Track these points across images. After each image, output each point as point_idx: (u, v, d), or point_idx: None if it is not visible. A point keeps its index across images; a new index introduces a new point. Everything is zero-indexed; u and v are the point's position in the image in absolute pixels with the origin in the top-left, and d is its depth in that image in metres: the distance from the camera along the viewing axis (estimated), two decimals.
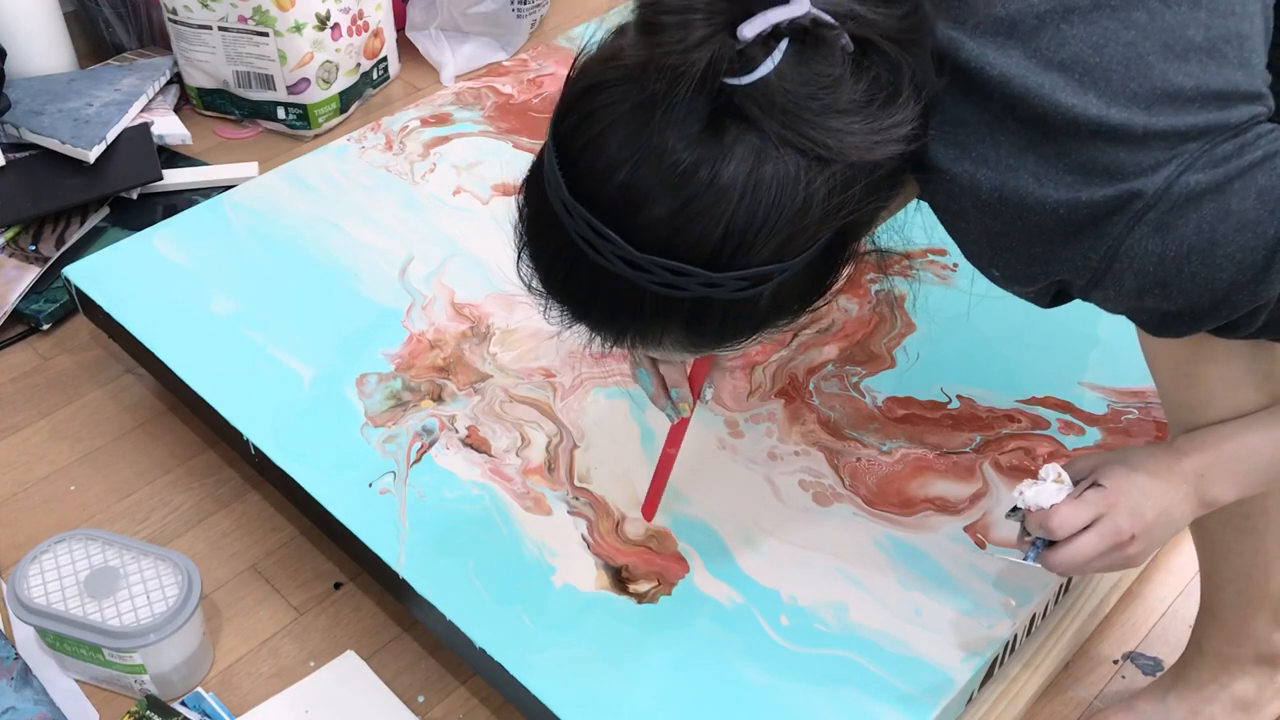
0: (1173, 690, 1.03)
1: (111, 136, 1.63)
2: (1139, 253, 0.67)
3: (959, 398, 1.16)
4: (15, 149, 1.63)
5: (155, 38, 1.95)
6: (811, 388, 1.18)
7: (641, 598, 1.01)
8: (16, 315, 1.48)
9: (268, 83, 1.78)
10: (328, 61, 1.78)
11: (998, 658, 0.99)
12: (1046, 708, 1.08)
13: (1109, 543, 0.80)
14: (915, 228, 0.82)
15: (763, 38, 0.63)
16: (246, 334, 1.26)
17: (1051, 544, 0.82)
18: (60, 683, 1.10)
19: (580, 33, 1.74)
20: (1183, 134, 0.66)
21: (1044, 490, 0.81)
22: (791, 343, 1.22)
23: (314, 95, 1.80)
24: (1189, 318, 0.70)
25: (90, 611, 1.04)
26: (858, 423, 1.14)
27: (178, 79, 1.87)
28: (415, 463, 1.12)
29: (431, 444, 1.13)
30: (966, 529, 1.04)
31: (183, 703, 1.08)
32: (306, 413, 1.17)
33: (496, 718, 1.08)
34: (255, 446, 1.15)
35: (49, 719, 1.05)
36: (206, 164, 1.72)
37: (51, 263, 1.51)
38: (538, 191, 0.73)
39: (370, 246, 1.36)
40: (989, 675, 1.00)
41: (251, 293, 1.31)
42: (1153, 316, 0.72)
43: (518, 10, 1.98)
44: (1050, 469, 0.81)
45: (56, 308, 1.48)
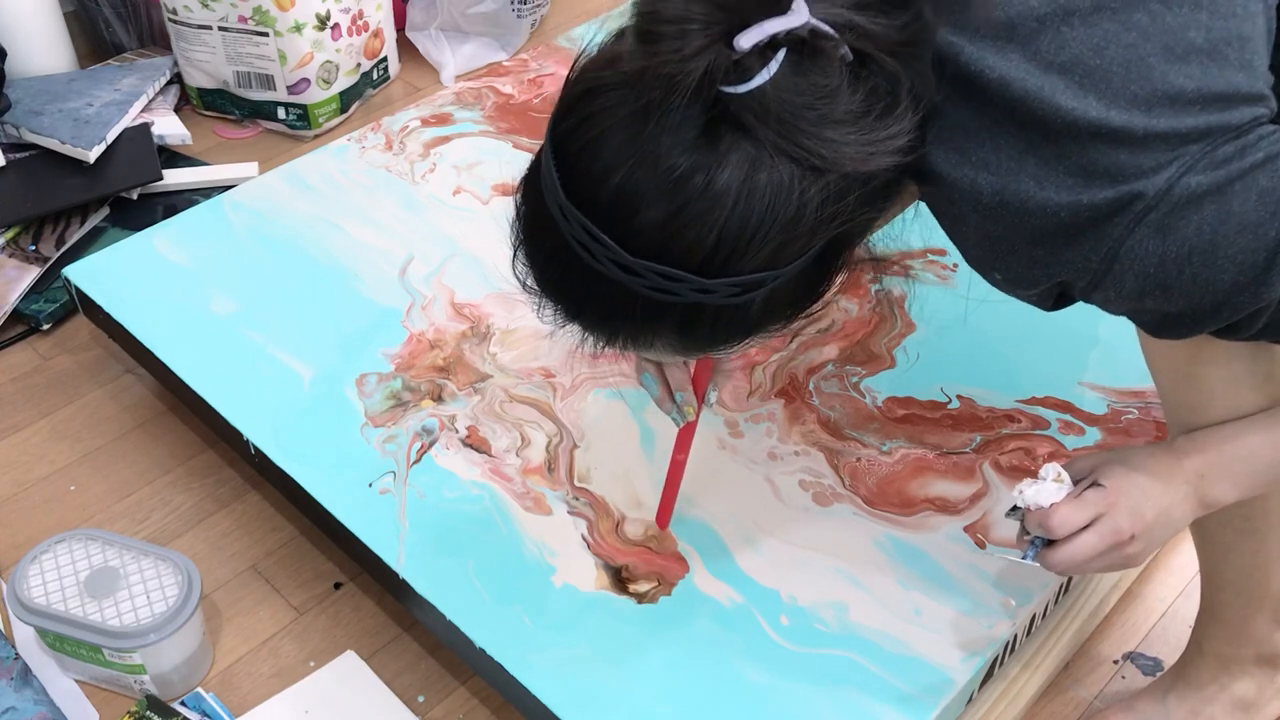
0: (1173, 690, 1.03)
1: (111, 136, 1.63)
2: (1140, 254, 0.67)
3: (959, 398, 1.16)
4: (15, 149, 1.63)
5: (155, 38, 1.95)
6: (811, 388, 1.18)
7: (641, 598, 1.01)
8: (16, 315, 1.48)
9: (268, 83, 1.78)
10: (328, 61, 1.78)
11: (998, 658, 0.99)
12: (1046, 708, 1.08)
13: (1108, 542, 0.80)
14: (913, 234, 0.82)
15: (760, 48, 0.63)
16: (246, 334, 1.26)
17: (1051, 543, 0.82)
18: (60, 683, 1.10)
19: (580, 33, 1.74)
20: (1184, 136, 0.66)
21: (1044, 489, 0.81)
22: (791, 343, 1.22)
23: (314, 95, 1.80)
24: (1190, 319, 0.70)
25: (90, 611, 1.04)
26: (858, 423, 1.14)
27: (178, 79, 1.87)
28: (415, 463, 1.12)
29: (431, 444, 1.13)
30: (966, 529, 1.04)
31: (183, 703, 1.08)
32: (306, 413, 1.17)
33: (496, 718, 1.08)
34: (255, 446, 1.15)
35: (49, 719, 1.05)
36: (206, 164, 1.72)
37: (51, 263, 1.51)
38: (534, 192, 0.73)
39: (370, 246, 1.36)
40: (989, 675, 1.00)
41: (251, 293, 1.31)
42: (1153, 318, 0.72)
43: (518, 10, 1.98)
44: (1050, 468, 0.82)
45: (56, 308, 1.48)
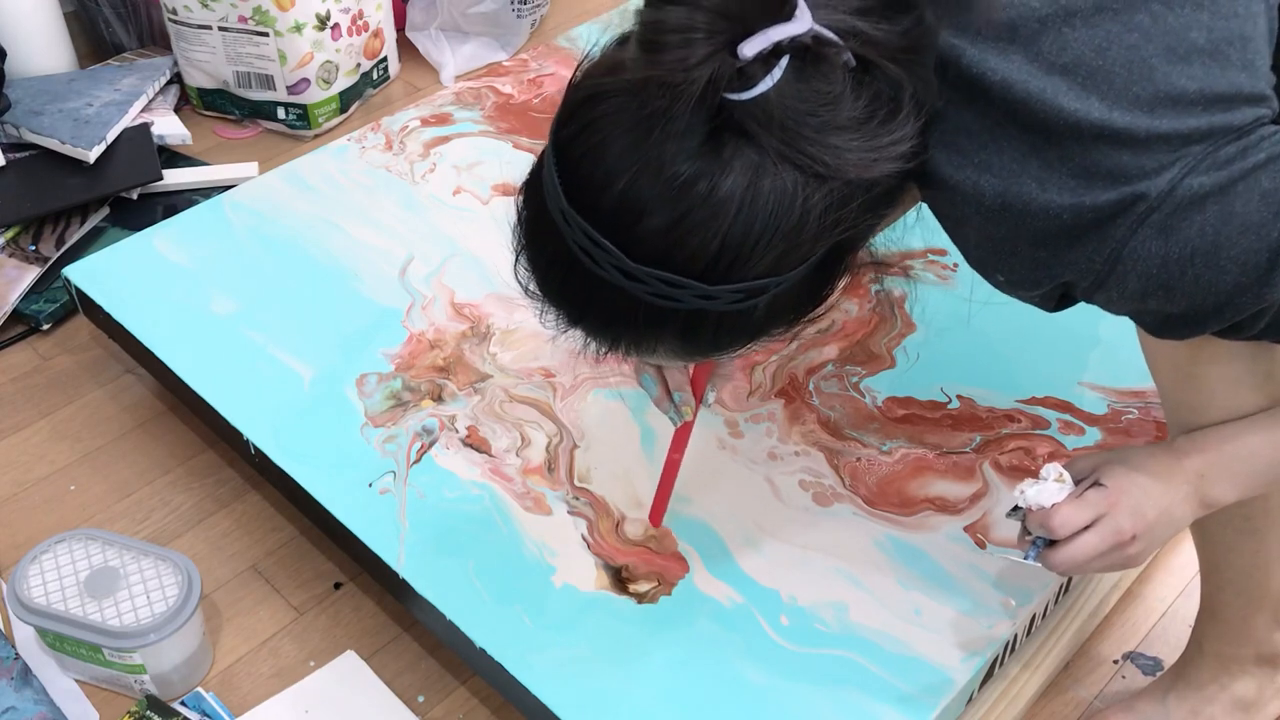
0: (1173, 690, 1.03)
1: (111, 136, 1.63)
2: (1142, 255, 0.67)
3: (959, 398, 1.16)
4: (15, 149, 1.63)
5: (155, 38, 1.95)
6: (811, 388, 1.18)
7: (641, 598, 1.01)
8: (16, 315, 1.48)
9: (268, 83, 1.78)
10: (328, 61, 1.78)
11: (998, 658, 0.99)
12: (1046, 708, 1.08)
13: (1110, 542, 0.80)
14: (914, 235, 0.82)
15: (763, 55, 0.63)
16: (246, 334, 1.26)
17: (1052, 543, 0.82)
18: (60, 683, 1.10)
19: (580, 33, 1.74)
20: (1186, 136, 0.66)
21: (1045, 489, 0.81)
22: (791, 343, 1.22)
23: (314, 95, 1.80)
24: (1191, 320, 0.70)
25: (90, 611, 1.04)
26: (858, 423, 1.14)
27: (178, 79, 1.87)
28: (415, 463, 1.12)
29: (431, 444, 1.13)
30: (966, 529, 1.04)
31: (183, 703, 1.08)
32: (306, 413, 1.17)
33: (496, 718, 1.08)
34: (255, 446, 1.15)
35: (49, 719, 1.05)
36: (206, 164, 1.72)
37: (51, 263, 1.51)
38: (536, 197, 0.73)
39: (370, 246, 1.36)
40: (989, 675, 1.00)
41: (251, 293, 1.31)
42: (1155, 318, 0.72)
43: (518, 10, 1.98)
44: (1051, 468, 0.81)
45: (56, 308, 1.48)
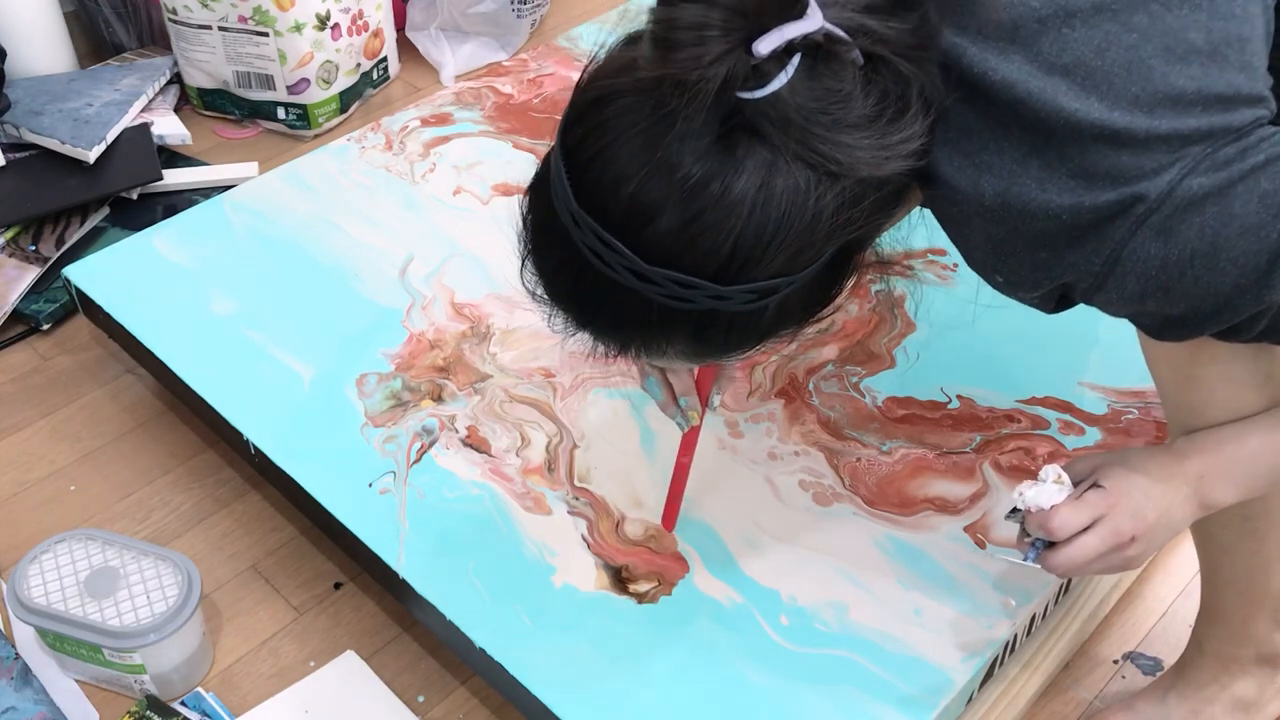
0: (1173, 690, 1.03)
1: (111, 136, 1.63)
2: (1141, 256, 0.67)
3: (959, 398, 1.16)
4: (15, 149, 1.63)
5: (155, 38, 1.95)
6: (811, 388, 1.18)
7: (641, 598, 1.01)
8: (16, 315, 1.48)
9: (268, 83, 1.78)
10: (328, 61, 1.78)
11: (997, 658, 0.99)
12: (1046, 708, 1.08)
13: (1109, 544, 0.80)
14: (915, 238, 0.82)
15: (777, 53, 0.63)
16: (246, 334, 1.26)
17: (1051, 545, 0.82)
18: (60, 683, 1.10)
19: (580, 33, 1.74)
20: (1185, 137, 0.66)
21: (1044, 491, 0.81)
22: (792, 343, 1.22)
23: (314, 95, 1.80)
24: (1191, 321, 0.70)
25: (90, 611, 1.04)
26: (858, 423, 1.14)
27: (178, 79, 1.87)
28: (415, 463, 1.12)
29: (431, 444, 1.13)
30: (966, 529, 1.04)
31: (183, 703, 1.08)
32: (306, 413, 1.17)
33: (496, 718, 1.08)
34: (255, 446, 1.15)
35: (49, 719, 1.05)
36: (206, 164, 1.72)
37: (51, 263, 1.51)
38: (543, 199, 0.72)
39: (370, 246, 1.36)
40: (989, 675, 1.00)
41: (251, 293, 1.31)
42: (1154, 320, 0.72)
43: (518, 10, 1.98)
44: (1050, 470, 0.81)
45: (56, 308, 1.48)
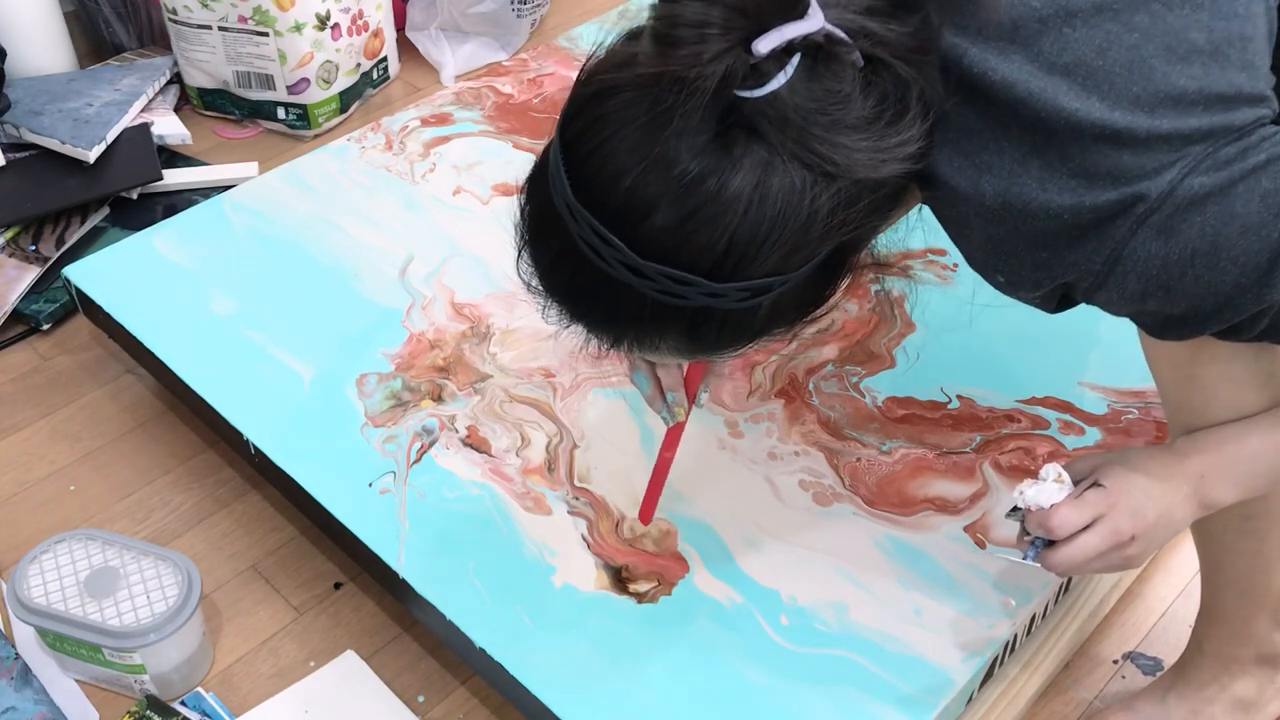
0: (1173, 690, 1.03)
1: (111, 136, 1.63)
2: (1142, 256, 0.67)
3: (959, 398, 1.16)
4: (15, 149, 1.63)
5: (155, 38, 1.95)
6: (811, 388, 1.18)
7: (641, 598, 1.01)
8: (16, 315, 1.48)
9: (268, 83, 1.78)
10: (328, 61, 1.78)
11: (997, 658, 0.99)
12: (1046, 708, 1.08)
13: (1109, 543, 0.80)
14: (914, 238, 0.82)
15: (777, 53, 0.63)
16: (246, 334, 1.26)
17: (1051, 544, 0.82)
18: (60, 683, 1.10)
19: (580, 33, 1.74)
20: (1186, 137, 0.66)
21: (1044, 490, 0.81)
22: (791, 343, 1.22)
23: (314, 95, 1.80)
24: (1191, 321, 0.70)
25: (90, 611, 1.04)
26: (858, 423, 1.14)
27: (178, 79, 1.87)
28: (415, 463, 1.12)
29: (431, 444, 1.13)
30: (966, 529, 1.04)
31: (183, 703, 1.08)
32: (306, 413, 1.17)
33: (496, 718, 1.08)
34: (255, 446, 1.15)
35: (49, 719, 1.05)
36: (206, 164, 1.72)
37: (51, 263, 1.51)
38: (541, 192, 0.72)
39: (370, 246, 1.36)
40: (989, 675, 1.00)
41: (251, 293, 1.31)
42: (1155, 319, 0.72)
43: (518, 10, 1.98)
44: (1051, 469, 0.81)
45: (56, 308, 1.48)
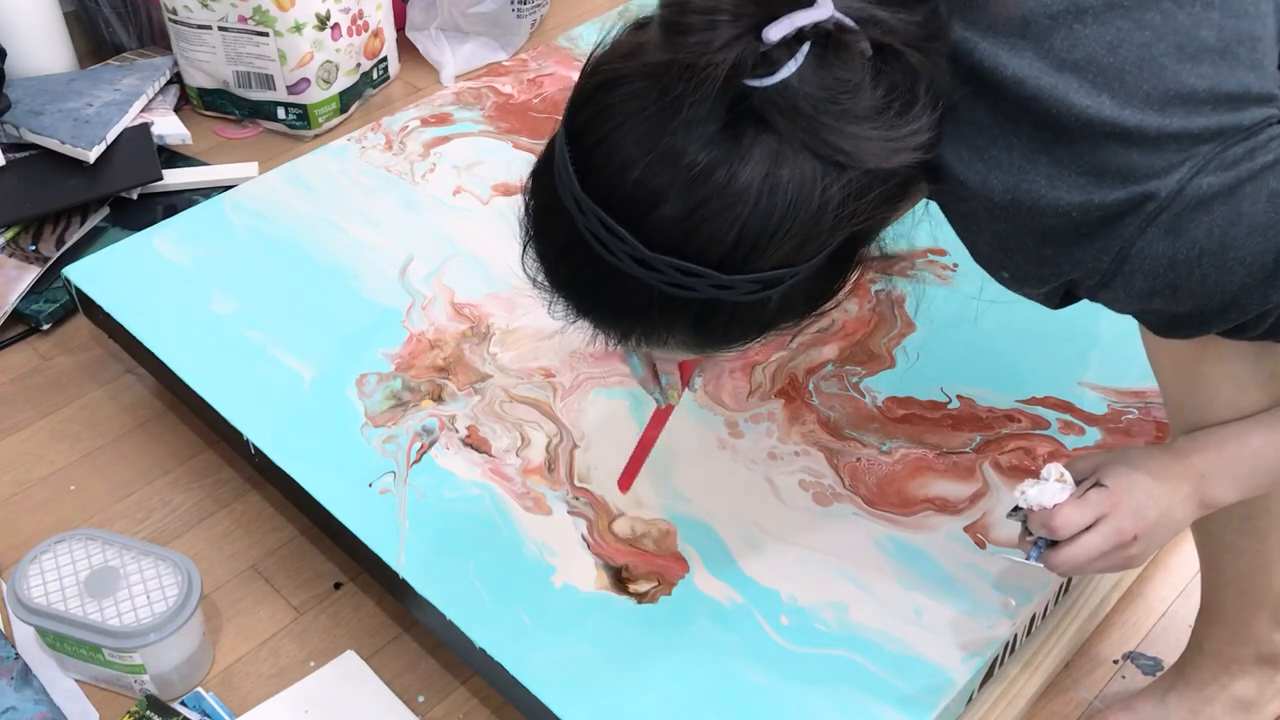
0: (1173, 690, 1.03)
1: (111, 136, 1.63)
2: (1150, 255, 0.67)
3: (959, 398, 1.16)
4: (15, 149, 1.63)
5: (155, 38, 1.95)
6: (811, 388, 1.18)
7: (641, 598, 1.01)
8: (16, 315, 1.48)
9: (268, 83, 1.78)
10: (328, 61, 1.78)
11: (998, 658, 0.99)
12: (1046, 708, 1.08)
13: (1111, 543, 0.80)
14: (919, 233, 0.82)
15: (787, 40, 0.63)
16: (246, 334, 1.26)
17: (1053, 544, 0.82)
18: (60, 683, 1.10)
19: (580, 33, 1.74)
20: (1195, 136, 0.66)
21: (1047, 490, 0.81)
22: (791, 343, 1.22)
23: (314, 95, 1.80)
24: (1197, 320, 0.70)
25: (90, 611, 1.04)
26: (858, 423, 1.14)
27: (178, 79, 1.87)
28: (415, 463, 1.12)
29: (431, 444, 1.13)
30: (966, 529, 1.04)
31: (183, 703, 1.08)
32: (306, 413, 1.17)
33: (496, 718, 1.08)
34: (255, 446, 1.15)
35: (49, 719, 1.05)
36: (206, 164, 1.72)
37: (51, 263, 1.51)
38: (547, 185, 0.72)
39: (370, 246, 1.36)
40: (989, 675, 1.00)
41: (251, 293, 1.31)
42: (1160, 318, 0.72)
43: (518, 10, 1.98)
44: (1052, 469, 0.81)
45: (56, 308, 1.48)
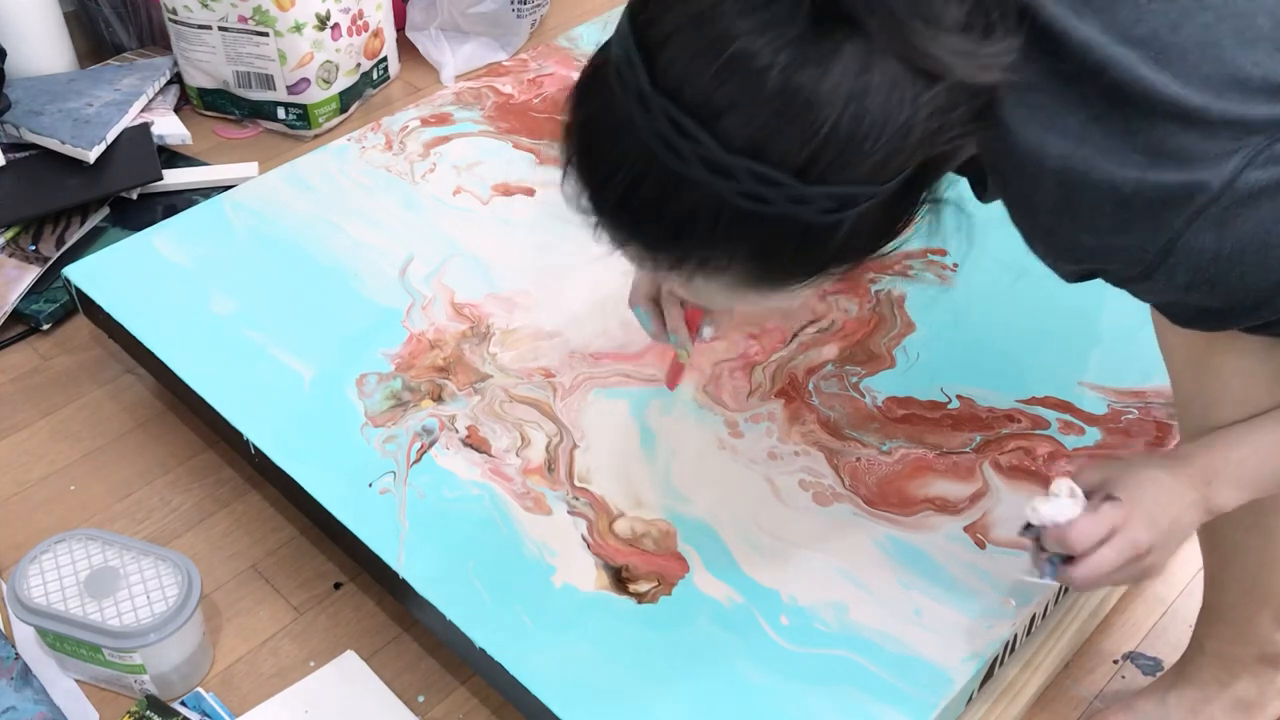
0: (1173, 690, 1.02)
1: (111, 136, 1.63)
2: (1196, 248, 0.66)
3: (959, 398, 1.16)
4: (15, 149, 1.63)
5: (155, 38, 1.95)
6: (811, 388, 1.18)
7: (641, 598, 1.01)
8: (16, 315, 1.48)
9: (268, 83, 1.78)
10: (328, 61, 1.78)
11: (998, 658, 0.99)
12: (1046, 708, 1.08)
13: (1127, 555, 0.79)
14: (913, 238, 0.82)
15: None
16: (246, 334, 1.26)
17: (1068, 559, 0.81)
18: (60, 683, 1.10)
19: (580, 33, 1.74)
20: (1248, 125, 0.64)
21: (1059, 506, 0.80)
22: (791, 343, 1.22)
23: (314, 95, 1.80)
24: (1226, 315, 0.70)
25: (90, 611, 1.04)
26: (858, 423, 1.14)
27: (178, 79, 1.87)
28: (415, 463, 1.12)
29: (431, 444, 1.13)
30: (966, 529, 1.04)
31: (183, 703, 1.08)
32: (306, 413, 1.17)
33: (496, 718, 1.08)
34: (255, 446, 1.15)
35: (49, 719, 1.05)
36: (206, 164, 1.72)
37: (51, 263, 1.51)
38: (599, 94, 0.66)
39: (370, 246, 1.36)
40: (989, 675, 1.00)
41: (251, 293, 1.31)
42: (1187, 310, 0.71)
43: (518, 10, 1.98)
44: (1062, 484, 0.81)
45: (56, 308, 1.48)
